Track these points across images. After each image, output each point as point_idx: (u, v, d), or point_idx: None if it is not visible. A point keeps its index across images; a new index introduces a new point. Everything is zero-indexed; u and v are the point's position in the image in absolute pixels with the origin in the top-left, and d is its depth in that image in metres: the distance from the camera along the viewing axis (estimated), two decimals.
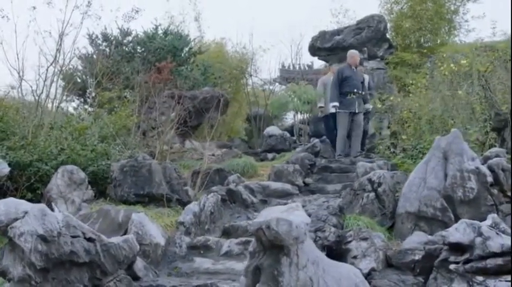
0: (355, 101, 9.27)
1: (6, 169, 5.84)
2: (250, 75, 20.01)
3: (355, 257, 4.07)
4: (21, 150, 6.62)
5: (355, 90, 9.28)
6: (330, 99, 9.45)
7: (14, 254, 3.82)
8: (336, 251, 4.24)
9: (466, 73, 6.48)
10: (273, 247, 3.26)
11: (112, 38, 13.72)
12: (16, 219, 3.82)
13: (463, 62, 6.47)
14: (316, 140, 9.29)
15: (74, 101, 14.01)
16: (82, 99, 13.35)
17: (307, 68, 19.36)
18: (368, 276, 3.96)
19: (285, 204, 6.39)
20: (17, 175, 6.38)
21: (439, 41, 13.72)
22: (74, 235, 4.00)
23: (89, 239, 4.07)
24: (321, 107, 10.55)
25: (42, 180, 6.41)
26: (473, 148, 6.06)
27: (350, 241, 4.18)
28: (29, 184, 6.44)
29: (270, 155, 11.86)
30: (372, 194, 5.11)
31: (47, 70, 8.39)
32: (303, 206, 5.49)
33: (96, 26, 13.52)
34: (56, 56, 8.62)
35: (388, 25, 14.04)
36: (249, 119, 17.26)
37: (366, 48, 13.07)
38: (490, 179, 4.84)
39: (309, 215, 4.63)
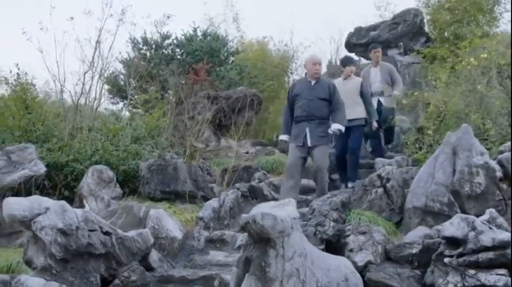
0: (306, 129, 6.13)
1: (43, 169, 6.32)
2: (292, 73, 20.26)
3: (351, 250, 4.21)
4: (59, 151, 7.14)
5: (307, 113, 6.16)
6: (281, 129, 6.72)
7: (36, 246, 4.21)
8: (335, 245, 4.40)
9: (486, 67, 6.42)
10: (261, 240, 3.48)
11: (152, 42, 14.25)
12: (39, 214, 4.21)
13: (482, 55, 6.42)
14: None
15: (118, 103, 14.70)
16: (126, 101, 13.96)
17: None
18: (364, 269, 4.11)
19: (306, 200, 6.66)
20: (55, 174, 6.88)
21: (480, 33, 13.39)
22: (92, 228, 4.36)
23: (106, 233, 4.42)
24: None
25: (77, 179, 6.88)
26: (494, 143, 6.06)
27: (348, 235, 4.33)
28: (66, 182, 6.94)
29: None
30: (381, 190, 5.22)
31: (84, 76, 8.91)
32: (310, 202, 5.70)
33: (133, 32, 14.06)
34: (92, 62, 9.12)
35: (426, 18, 13.83)
36: None
37: (401, 43, 12.95)
38: (499, 173, 4.84)
39: (313, 210, 4.83)
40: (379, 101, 8.38)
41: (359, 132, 7.37)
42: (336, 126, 6.17)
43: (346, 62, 7.73)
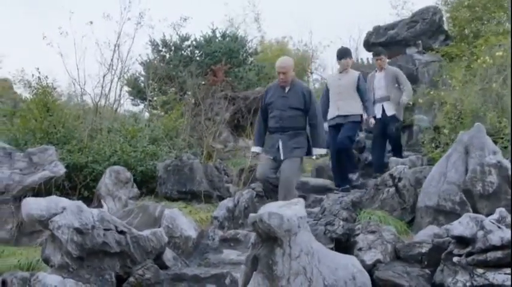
0: (279, 142, 5.52)
1: (62, 170, 6.48)
2: (311, 73, 20.28)
3: (360, 249, 4.26)
4: (79, 152, 7.32)
5: (280, 125, 5.55)
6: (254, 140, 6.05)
7: (54, 244, 4.36)
8: (345, 244, 4.45)
9: (502, 65, 6.38)
10: (269, 238, 3.55)
11: (171, 44, 14.43)
12: (56, 214, 4.34)
13: (498, 54, 6.38)
14: (362, 135, 9.35)
15: (138, 104, 14.93)
16: (146, 103, 14.18)
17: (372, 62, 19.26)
18: (373, 267, 4.15)
19: (321, 199, 6.70)
20: (74, 175, 7.06)
21: (501, 30, 13.20)
22: (107, 228, 4.48)
23: (121, 232, 4.54)
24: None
25: (96, 179, 7.04)
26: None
27: (358, 234, 4.38)
28: (85, 183, 7.11)
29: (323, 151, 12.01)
30: (392, 189, 5.25)
31: (103, 78, 9.10)
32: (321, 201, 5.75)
33: (152, 34, 14.29)
34: (111, 65, 9.31)
35: (445, 16, 13.69)
36: None
37: (420, 41, 12.83)
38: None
39: (324, 210, 4.88)
40: (383, 109, 7.86)
41: (353, 128, 6.98)
42: (318, 151, 5.68)
43: (341, 54, 7.21)
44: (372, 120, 7.08)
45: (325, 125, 7.00)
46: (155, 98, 13.18)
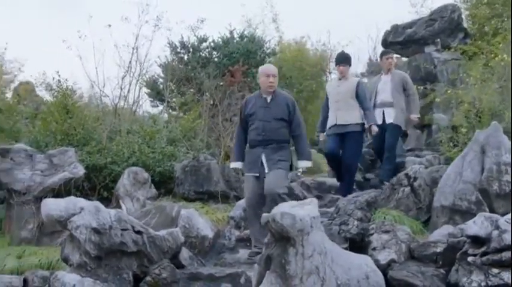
0: (262, 156, 5.12)
1: (82, 171, 6.61)
2: (329, 72, 20.22)
3: (374, 249, 4.27)
4: (98, 154, 7.44)
5: (262, 138, 5.13)
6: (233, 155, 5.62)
7: (72, 244, 4.45)
8: (359, 244, 4.46)
9: None
10: (281, 238, 3.59)
11: (189, 46, 14.55)
12: (74, 214, 4.44)
13: None
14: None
15: (157, 106, 15.08)
16: (164, 104, 14.32)
17: (395, 60, 19.17)
18: (388, 267, 4.15)
19: (337, 199, 6.71)
20: (94, 176, 7.19)
21: None
22: (124, 228, 4.56)
23: (138, 232, 4.62)
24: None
25: (115, 180, 7.15)
26: None
27: (372, 234, 4.39)
28: (105, 184, 7.24)
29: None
30: (408, 189, 5.23)
31: (122, 80, 9.24)
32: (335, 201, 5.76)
33: (170, 36, 14.43)
34: (130, 67, 9.44)
35: (465, 14, 13.55)
36: None
37: (439, 40, 12.71)
38: None
39: (338, 210, 4.90)
40: (383, 115, 7.11)
41: (355, 141, 6.49)
42: (303, 165, 5.29)
43: (340, 59, 6.77)
44: (375, 128, 6.49)
45: (322, 135, 6.93)
46: (174, 100, 13.30)
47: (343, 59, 6.74)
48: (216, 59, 14.66)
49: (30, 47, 30.87)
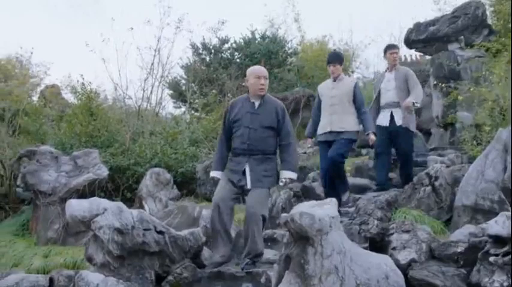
0: (246, 166, 4.73)
1: (105, 173, 6.73)
2: (352, 72, 20.13)
3: (394, 248, 4.25)
4: (121, 155, 7.57)
5: (247, 146, 4.70)
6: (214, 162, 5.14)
7: (96, 244, 4.54)
8: (379, 243, 4.45)
9: None
10: (300, 238, 3.61)
11: (210, 47, 14.66)
12: (97, 215, 4.53)
13: None
14: None
15: (180, 107, 15.23)
16: (187, 105, 14.47)
17: (419, 58, 19.01)
18: (408, 267, 4.13)
19: (359, 199, 6.69)
20: (117, 177, 7.31)
21: None
22: (146, 228, 4.63)
23: (159, 232, 4.68)
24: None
25: (138, 181, 7.28)
26: None
27: (392, 233, 4.37)
28: (128, 184, 7.35)
29: (364, 151, 11.95)
30: (429, 188, 5.20)
31: (145, 82, 9.37)
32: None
33: (191, 38, 14.59)
34: (152, 69, 9.57)
35: (489, 10, 13.35)
36: None
37: (462, 37, 12.55)
38: None
39: (358, 209, 4.90)
40: (391, 117, 6.62)
41: (346, 144, 5.86)
42: (287, 175, 4.70)
43: (330, 59, 6.10)
44: (372, 137, 5.83)
45: (310, 141, 6.48)
46: (196, 101, 13.42)
47: (334, 58, 6.08)
48: (237, 60, 14.76)
49: (55, 50, 31.50)
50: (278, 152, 4.86)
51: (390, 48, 6.88)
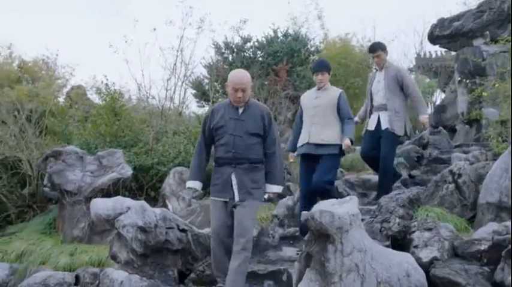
0: (232, 177, 4.24)
1: (129, 172, 6.83)
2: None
3: (416, 246, 4.22)
4: (145, 155, 7.66)
5: (233, 155, 4.23)
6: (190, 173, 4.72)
7: (120, 242, 4.64)
8: (401, 241, 4.43)
9: None
10: (321, 236, 3.62)
11: (233, 46, 14.73)
12: (121, 213, 4.62)
13: None
14: (425, 131, 9.18)
15: (204, 106, 15.35)
16: (210, 104, 14.55)
17: (444, 54, 18.80)
18: (430, 265, 4.10)
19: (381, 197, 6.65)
20: (141, 176, 7.41)
21: None
22: (169, 226, 4.71)
23: (182, 230, 4.76)
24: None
25: (162, 180, 7.35)
26: None
27: (414, 231, 4.34)
28: (152, 184, 7.45)
29: None
30: (452, 186, 5.14)
31: (167, 82, 9.48)
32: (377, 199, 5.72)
33: (214, 37, 14.70)
34: (175, 69, 9.67)
35: None
36: None
37: (487, 32, 12.36)
38: None
39: (380, 207, 4.88)
40: (378, 120, 6.15)
41: (332, 166, 5.31)
42: (272, 190, 4.31)
43: (317, 68, 5.56)
44: (347, 142, 5.21)
45: (292, 155, 5.82)
46: (219, 100, 13.51)
47: (322, 67, 5.53)
48: (260, 59, 14.80)
49: (81, 52, 32.01)
50: None
51: (370, 51, 6.35)
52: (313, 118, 5.43)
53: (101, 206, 4.65)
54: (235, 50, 14.97)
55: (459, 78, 11.12)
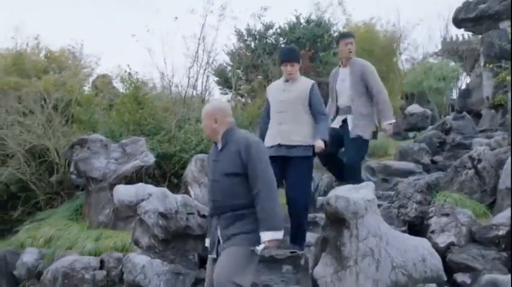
0: (217, 230, 3.49)
1: (152, 160, 6.95)
2: (400, 53, 19.72)
3: (432, 232, 4.24)
4: (167, 142, 7.78)
5: (213, 205, 3.55)
6: None
7: (142, 227, 4.77)
8: (418, 227, 4.46)
9: None
10: (336, 220, 3.69)
11: (255, 33, 14.74)
12: (143, 200, 4.75)
13: None
14: (448, 116, 9.09)
15: (227, 93, 15.43)
16: (233, 91, 14.64)
17: (471, 37, 18.49)
18: (447, 250, 4.13)
19: (399, 182, 6.65)
20: (164, 163, 7.53)
21: None
22: (190, 212, 4.82)
23: (203, 216, 4.86)
24: None
25: (184, 167, 7.44)
26: None
27: (431, 217, 4.36)
28: (174, 171, 7.57)
29: (411, 134, 11.81)
30: (471, 171, 5.12)
31: (189, 70, 9.57)
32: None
33: (236, 25, 14.69)
34: (197, 57, 9.75)
35: None
36: (407, 97, 16.74)
37: None
38: None
39: (398, 193, 4.90)
40: (344, 124, 5.36)
41: (303, 168, 4.70)
42: (266, 238, 3.26)
43: (286, 58, 4.86)
44: (319, 144, 4.62)
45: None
46: (242, 86, 13.57)
47: (291, 56, 4.87)
48: (282, 45, 14.76)
49: (105, 41, 32.38)
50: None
51: (344, 37, 5.53)
52: (281, 115, 4.78)
53: (124, 192, 4.77)
54: (257, 37, 14.98)
55: (484, 62, 10.94)
